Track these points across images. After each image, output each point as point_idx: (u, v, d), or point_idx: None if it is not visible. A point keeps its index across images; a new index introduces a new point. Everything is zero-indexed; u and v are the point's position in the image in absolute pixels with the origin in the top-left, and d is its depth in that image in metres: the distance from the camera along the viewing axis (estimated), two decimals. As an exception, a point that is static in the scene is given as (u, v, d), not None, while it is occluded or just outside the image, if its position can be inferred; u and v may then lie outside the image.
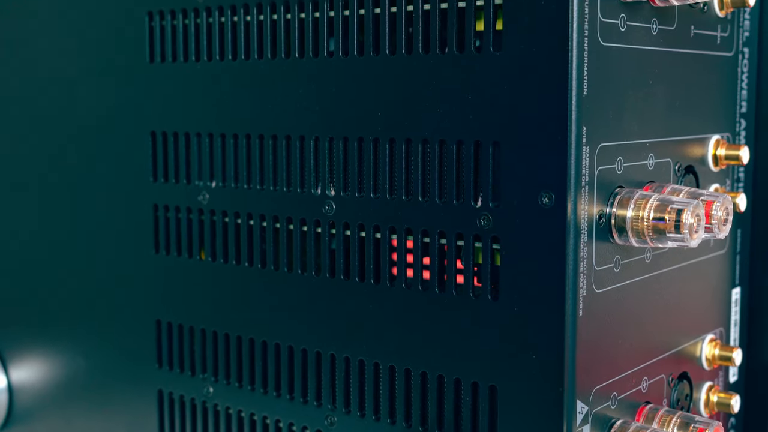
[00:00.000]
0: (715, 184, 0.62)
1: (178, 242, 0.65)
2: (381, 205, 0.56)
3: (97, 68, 0.69)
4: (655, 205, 0.51)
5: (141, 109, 0.66)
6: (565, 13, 0.48)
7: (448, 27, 0.52)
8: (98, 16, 0.68)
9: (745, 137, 0.64)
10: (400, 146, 0.55)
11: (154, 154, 0.66)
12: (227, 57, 0.61)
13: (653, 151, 0.55)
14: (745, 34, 0.63)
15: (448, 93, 0.52)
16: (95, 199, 0.70)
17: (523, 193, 0.50)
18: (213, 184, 0.63)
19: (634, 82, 0.53)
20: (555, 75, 0.49)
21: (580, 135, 0.49)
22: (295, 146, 0.59)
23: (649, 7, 0.53)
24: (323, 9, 0.57)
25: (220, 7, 0.61)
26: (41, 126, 0.73)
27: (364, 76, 0.56)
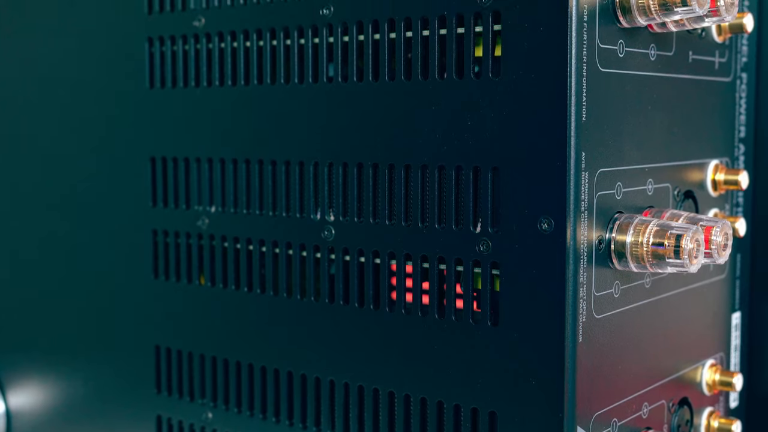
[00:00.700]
0: (715, 208, 0.62)
1: (178, 267, 0.65)
2: (380, 230, 0.56)
3: (97, 93, 0.69)
4: (655, 230, 0.51)
5: (141, 134, 0.66)
6: (564, 40, 0.48)
7: (447, 53, 0.53)
8: (98, 42, 0.68)
9: (743, 162, 0.64)
10: (400, 172, 0.55)
11: (153, 179, 0.66)
12: (227, 82, 0.62)
13: (652, 176, 0.55)
14: (743, 60, 0.63)
15: (447, 119, 0.52)
16: (95, 224, 0.70)
17: (523, 218, 0.50)
18: (213, 209, 0.63)
19: (633, 108, 0.53)
20: (554, 101, 0.49)
21: (579, 161, 0.49)
22: (295, 171, 0.59)
23: (647, 33, 0.54)
24: (322, 35, 0.57)
25: (220, 33, 0.62)
26: (41, 150, 0.73)
27: (364, 101, 0.56)
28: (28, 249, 0.75)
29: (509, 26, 0.50)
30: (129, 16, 0.66)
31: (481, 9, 0.51)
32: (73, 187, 0.71)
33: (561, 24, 0.48)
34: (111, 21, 0.67)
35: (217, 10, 0.62)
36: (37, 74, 0.73)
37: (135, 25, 0.66)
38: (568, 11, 0.48)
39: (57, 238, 0.73)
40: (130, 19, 0.66)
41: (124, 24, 0.67)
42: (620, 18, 0.51)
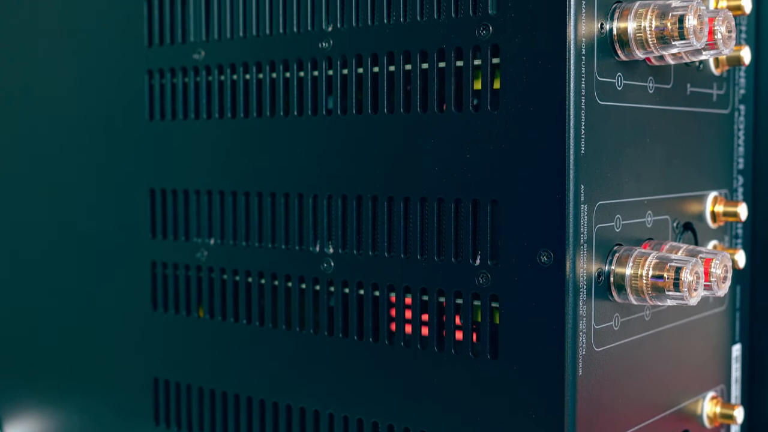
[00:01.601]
0: (714, 240, 0.62)
1: (176, 299, 0.65)
2: (379, 262, 0.56)
3: (96, 125, 0.69)
4: (654, 263, 0.51)
5: (140, 166, 0.66)
6: (562, 73, 0.49)
7: (446, 86, 0.53)
8: (98, 74, 0.69)
9: (742, 194, 0.64)
10: (399, 204, 0.55)
11: (152, 210, 0.66)
12: (226, 115, 0.62)
13: (651, 208, 0.55)
14: (741, 92, 0.64)
15: (446, 151, 0.53)
16: (94, 256, 0.70)
17: (522, 251, 0.50)
18: (212, 241, 0.63)
19: (632, 140, 0.53)
20: (552, 133, 0.49)
21: (578, 193, 0.49)
22: (294, 204, 0.59)
23: (645, 66, 0.54)
24: (322, 68, 0.57)
25: (219, 66, 0.62)
26: (42, 181, 0.73)
27: (363, 134, 0.56)
28: (28, 280, 0.75)
29: (508, 59, 0.50)
30: (129, 49, 0.66)
31: (480, 42, 0.51)
32: (72, 218, 0.71)
33: (559, 57, 0.49)
34: (111, 53, 0.68)
35: (217, 42, 0.62)
36: (37, 105, 0.73)
37: (135, 58, 0.66)
38: (567, 44, 0.48)
39: (56, 269, 0.73)
40: (130, 52, 0.66)
41: (124, 56, 0.67)
42: (618, 51, 0.51)
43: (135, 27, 0.66)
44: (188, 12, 0.63)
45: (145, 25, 0.65)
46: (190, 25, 0.63)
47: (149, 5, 0.65)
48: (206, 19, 0.62)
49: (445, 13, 0.53)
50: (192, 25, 0.63)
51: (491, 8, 0.51)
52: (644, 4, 0.51)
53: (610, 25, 0.51)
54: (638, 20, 0.51)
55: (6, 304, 0.77)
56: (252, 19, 0.60)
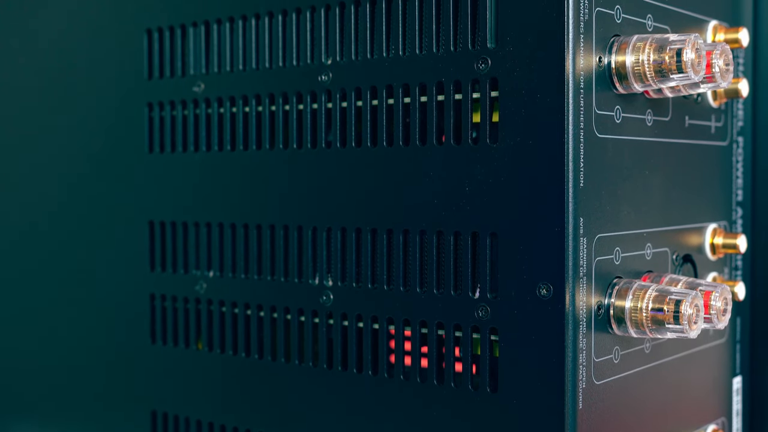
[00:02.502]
0: (714, 272, 0.62)
1: (175, 332, 0.65)
2: (379, 295, 0.56)
3: (96, 157, 0.69)
4: (654, 295, 0.51)
5: (139, 199, 0.66)
6: (561, 106, 0.49)
7: (445, 119, 0.53)
8: (98, 106, 0.69)
9: (742, 225, 0.64)
10: (398, 237, 0.55)
11: (151, 243, 0.66)
12: (226, 147, 0.62)
13: (651, 240, 0.55)
14: (739, 124, 0.64)
15: (445, 184, 0.53)
16: (92, 288, 0.70)
17: (521, 284, 0.50)
18: (211, 273, 0.63)
19: (631, 173, 0.53)
20: (551, 167, 0.49)
21: (578, 226, 0.49)
22: (293, 236, 0.59)
23: (643, 98, 0.54)
24: (321, 101, 0.57)
25: (219, 98, 0.62)
26: (39, 214, 0.73)
27: (362, 166, 0.56)
28: (27, 313, 0.75)
29: (507, 93, 0.51)
30: (129, 81, 0.67)
31: (479, 75, 0.52)
32: (71, 251, 0.71)
33: (558, 91, 0.49)
34: (111, 86, 0.68)
35: (217, 75, 0.62)
36: (37, 136, 0.73)
37: (135, 90, 0.66)
38: (565, 78, 0.49)
39: (55, 301, 0.72)
40: (129, 84, 0.67)
41: (123, 89, 0.67)
42: (617, 84, 0.51)
43: (135, 59, 0.66)
44: (188, 45, 0.63)
45: (144, 58, 0.66)
46: (190, 58, 0.63)
47: (149, 38, 0.65)
48: (206, 52, 0.63)
49: (444, 47, 0.53)
50: (192, 58, 0.63)
51: (490, 42, 0.51)
52: (642, 37, 0.51)
53: (609, 59, 0.51)
54: (636, 54, 0.51)
55: (5, 336, 0.77)
56: (252, 52, 0.60)
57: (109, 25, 0.68)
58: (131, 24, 0.66)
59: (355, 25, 0.56)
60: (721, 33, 0.60)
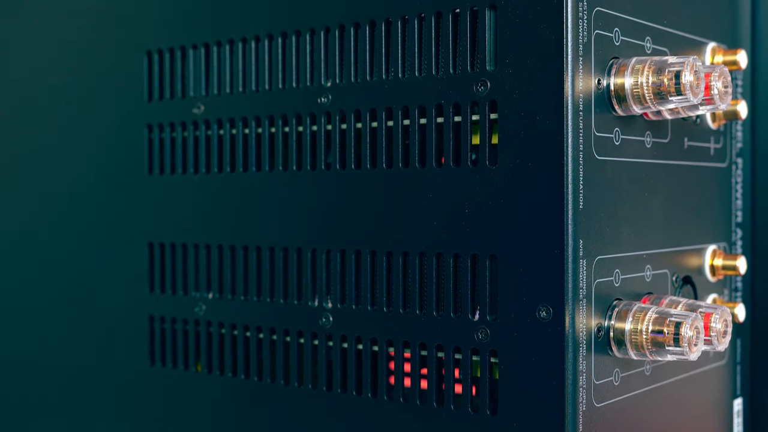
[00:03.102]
0: (713, 294, 0.62)
1: (174, 354, 0.65)
2: (378, 317, 0.55)
3: (95, 178, 0.69)
4: (654, 317, 0.51)
5: (139, 220, 0.66)
6: (560, 128, 0.49)
7: (445, 141, 0.53)
8: (98, 128, 0.69)
9: (741, 247, 0.64)
10: (397, 259, 0.55)
11: (151, 264, 0.66)
12: (225, 169, 0.62)
13: (650, 262, 0.55)
14: (738, 145, 0.64)
15: (445, 206, 0.53)
16: (91, 309, 0.69)
17: (521, 306, 0.50)
18: (210, 295, 0.63)
19: (630, 195, 0.53)
20: (551, 189, 0.49)
21: (577, 248, 0.49)
22: (293, 258, 0.59)
23: (642, 120, 0.54)
24: (321, 123, 0.58)
25: (219, 120, 0.62)
26: (39, 236, 0.73)
27: (361, 188, 0.56)
28: (25, 333, 0.75)
29: (506, 115, 0.51)
30: (129, 103, 0.67)
31: (478, 98, 0.52)
32: (71, 271, 0.71)
33: (557, 113, 0.49)
34: (110, 108, 0.68)
35: (217, 97, 0.62)
36: (36, 158, 0.73)
37: (134, 112, 0.66)
38: (564, 100, 0.49)
39: (55, 321, 0.72)
40: (129, 106, 0.67)
41: (123, 110, 0.67)
42: (616, 107, 0.52)
43: (135, 81, 0.66)
44: (188, 67, 0.64)
45: (144, 80, 0.66)
46: (190, 80, 0.63)
47: (149, 60, 0.66)
48: (206, 74, 0.63)
49: (443, 69, 0.53)
50: (192, 80, 0.63)
51: (489, 64, 0.51)
52: (641, 60, 0.51)
53: (607, 81, 0.51)
54: (635, 76, 0.51)
55: (4, 360, 0.77)
56: (251, 74, 0.61)
57: (109, 47, 0.68)
58: (131, 46, 0.66)
59: (355, 48, 0.56)
60: (720, 55, 0.61)
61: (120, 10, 0.67)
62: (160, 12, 0.65)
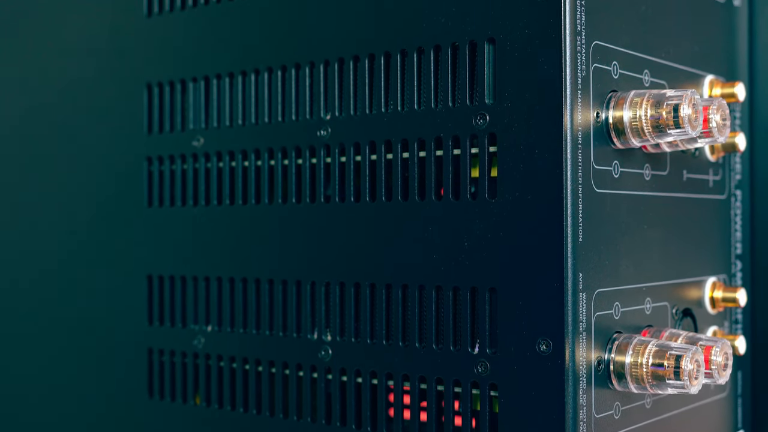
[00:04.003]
0: (714, 326, 0.61)
1: (173, 387, 0.65)
2: (378, 351, 0.55)
3: (95, 211, 0.69)
4: (654, 351, 0.51)
5: (138, 253, 0.66)
6: (559, 162, 0.49)
7: (444, 174, 0.53)
8: (97, 160, 0.69)
9: (741, 279, 0.64)
10: (396, 292, 0.55)
11: (150, 297, 0.66)
12: (225, 202, 0.62)
13: (650, 295, 0.55)
14: (737, 177, 0.64)
15: (444, 239, 0.53)
16: (90, 341, 0.69)
17: (521, 339, 0.50)
18: (209, 328, 0.63)
19: (629, 227, 0.53)
20: (550, 222, 0.49)
21: (577, 281, 0.49)
22: (292, 291, 0.59)
23: (641, 153, 0.54)
24: (320, 156, 0.58)
25: (218, 153, 0.62)
26: (38, 268, 0.73)
27: (360, 221, 0.56)
28: (25, 364, 0.74)
29: (505, 148, 0.51)
30: (128, 136, 0.67)
31: (477, 131, 0.52)
32: (69, 304, 0.71)
33: (556, 146, 0.49)
34: (110, 140, 0.68)
35: (216, 130, 0.62)
36: (36, 189, 0.73)
37: (134, 144, 0.67)
38: (563, 134, 0.49)
39: (53, 353, 0.72)
40: (129, 139, 0.67)
41: (123, 143, 0.67)
42: (614, 139, 0.52)
43: (135, 114, 0.67)
44: (188, 100, 0.64)
45: (144, 112, 0.66)
46: (190, 113, 0.64)
47: (149, 93, 0.66)
48: (205, 106, 0.63)
49: (442, 103, 0.53)
50: (191, 113, 0.64)
51: (488, 98, 0.52)
52: (639, 93, 0.51)
53: (606, 114, 0.51)
54: (634, 109, 0.51)
55: (4, 388, 0.76)
56: (251, 107, 0.61)
57: (109, 80, 0.68)
58: (131, 78, 0.67)
59: (354, 81, 0.57)
60: (718, 87, 0.61)
61: (120, 44, 0.68)
62: (160, 45, 0.65)
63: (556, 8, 0.49)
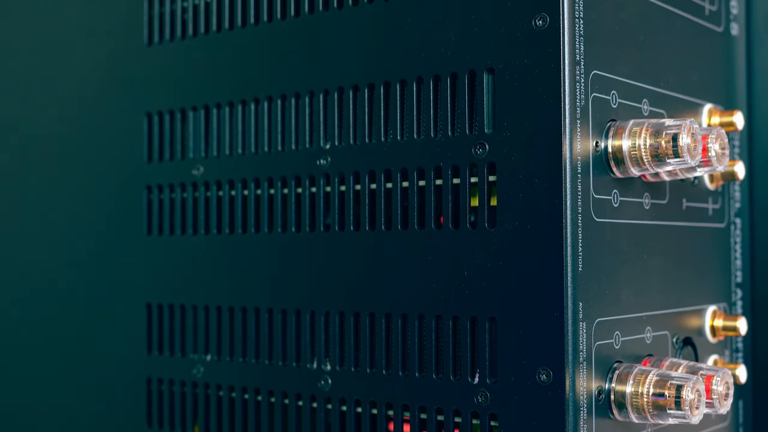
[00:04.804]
0: (714, 355, 0.61)
1: (172, 416, 0.64)
2: (377, 380, 0.55)
3: (94, 239, 0.69)
4: (655, 380, 0.51)
5: (137, 281, 0.66)
6: (558, 191, 0.49)
7: (444, 203, 0.53)
8: (97, 188, 0.69)
9: (741, 307, 0.64)
10: (396, 321, 0.54)
11: (149, 326, 0.66)
12: (224, 230, 0.62)
13: (650, 324, 0.55)
14: (737, 206, 0.64)
15: (444, 268, 0.53)
16: (89, 370, 0.69)
17: (521, 369, 0.50)
18: (208, 357, 0.63)
19: (629, 256, 0.53)
20: (550, 251, 0.49)
21: (577, 311, 0.49)
22: (291, 320, 0.59)
23: (640, 182, 0.54)
24: (320, 185, 0.58)
25: (218, 182, 0.62)
26: (37, 297, 0.73)
27: (360, 250, 0.56)
28: (24, 391, 0.74)
29: (504, 177, 0.51)
30: (129, 164, 0.67)
31: (477, 160, 0.52)
32: (68, 333, 0.71)
33: (555, 175, 0.49)
34: (110, 168, 0.68)
35: (216, 159, 0.62)
36: (34, 218, 0.73)
37: (134, 173, 0.67)
38: (563, 163, 0.49)
39: (53, 382, 0.72)
40: (129, 167, 0.67)
41: (123, 171, 0.67)
42: (614, 169, 0.52)
43: (135, 142, 0.67)
44: (188, 128, 0.64)
45: (144, 141, 0.66)
46: (190, 142, 0.64)
47: (149, 121, 0.66)
48: (205, 135, 0.63)
49: (441, 132, 0.53)
50: (191, 142, 0.64)
51: (487, 127, 0.52)
52: (638, 122, 0.52)
53: (605, 143, 0.52)
54: (633, 138, 0.51)
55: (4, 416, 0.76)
56: (251, 136, 0.61)
57: (109, 108, 0.68)
58: (132, 107, 0.67)
59: (354, 110, 0.57)
60: (716, 116, 0.61)
61: (120, 72, 0.68)
62: (160, 74, 0.66)
63: (555, 38, 0.49)
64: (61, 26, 0.72)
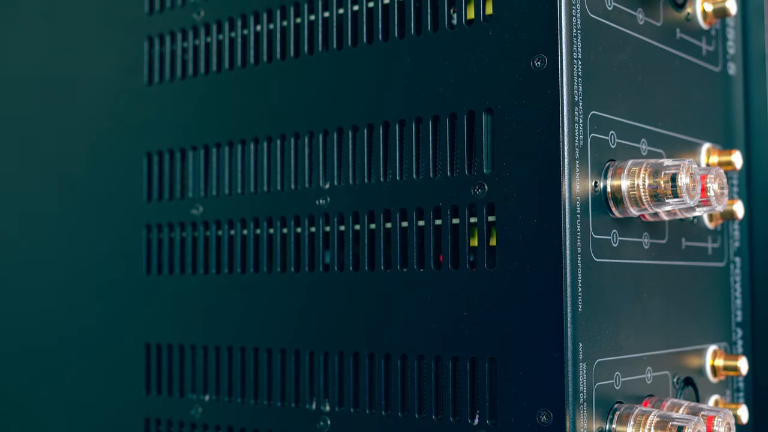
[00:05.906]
0: (715, 395, 0.61)
1: (170, 457, 0.64)
2: (377, 421, 0.55)
3: (94, 278, 0.69)
4: (656, 421, 0.50)
5: (136, 320, 0.66)
6: (558, 231, 0.49)
7: (443, 243, 0.53)
8: (97, 227, 0.69)
9: (742, 346, 0.64)
10: (395, 362, 0.54)
11: (147, 366, 0.65)
12: (223, 270, 0.62)
13: (651, 364, 0.55)
14: (736, 245, 0.64)
15: (443, 309, 0.52)
16: (87, 411, 0.69)
17: (521, 410, 0.50)
18: (207, 397, 0.62)
19: (629, 296, 0.53)
20: (549, 292, 0.49)
21: (577, 351, 0.49)
22: (290, 360, 0.58)
23: (640, 222, 0.54)
24: (319, 225, 0.58)
25: (217, 221, 0.62)
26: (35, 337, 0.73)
27: (360, 290, 0.56)
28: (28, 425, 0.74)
29: (504, 218, 0.51)
30: (128, 203, 0.67)
31: (476, 200, 0.52)
32: (67, 372, 0.70)
33: (555, 216, 0.49)
34: (110, 207, 0.68)
35: (216, 198, 0.62)
36: (33, 258, 0.73)
37: (133, 212, 0.67)
38: (562, 203, 0.49)
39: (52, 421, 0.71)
40: (128, 206, 0.67)
41: (122, 210, 0.67)
42: (613, 209, 0.52)
43: (134, 182, 0.67)
44: (187, 168, 0.64)
45: (144, 180, 0.66)
46: (189, 181, 0.64)
47: (149, 160, 0.66)
48: (205, 175, 0.63)
49: (441, 172, 0.53)
50: (191, 181, 0.64)
51: (486, 167, 0.52)
52: (637, 162, 0.52)
53: (604, 183, 0.52)
54: (631, 178, 0.51)
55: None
56: (250, 175, 0.61)
57: (109, 147, 0.69)
58: (131, 146, 0.67)
59: (353, 151, 0.57)
60: (715, 155, 0.61)
61: (120, 111, 0.68)
62: (160, 113, 0.66)
63: (554, 79, 0.50)
64: (62, 66, 0.72)
